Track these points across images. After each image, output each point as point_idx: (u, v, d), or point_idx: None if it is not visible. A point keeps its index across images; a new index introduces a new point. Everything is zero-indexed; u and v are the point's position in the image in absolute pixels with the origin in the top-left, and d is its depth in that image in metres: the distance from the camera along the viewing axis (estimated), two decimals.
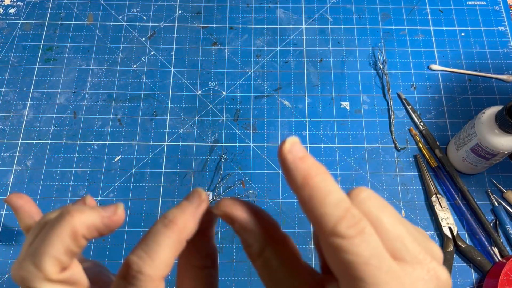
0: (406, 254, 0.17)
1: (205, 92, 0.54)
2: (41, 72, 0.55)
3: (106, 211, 0.20)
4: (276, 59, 0.57)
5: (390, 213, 0.18)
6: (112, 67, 0.56)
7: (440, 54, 0.57)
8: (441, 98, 0.54)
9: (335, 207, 0.17)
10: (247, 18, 0.59)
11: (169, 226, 0.19)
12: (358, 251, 0.16)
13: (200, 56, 0.57)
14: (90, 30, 0.58)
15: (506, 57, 0.57)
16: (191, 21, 0.59)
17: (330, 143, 0.52)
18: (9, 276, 0.45)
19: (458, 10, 0.60)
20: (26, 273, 0.19)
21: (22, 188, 0.49)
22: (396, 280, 0.16)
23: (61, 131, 0.52)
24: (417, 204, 0.49)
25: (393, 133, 0.52)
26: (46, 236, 0.19)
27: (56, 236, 0.19)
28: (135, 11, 0.60)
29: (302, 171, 0.18)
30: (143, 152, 0.51)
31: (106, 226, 0.20)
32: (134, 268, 0.18)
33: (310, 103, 0.54)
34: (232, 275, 0.45)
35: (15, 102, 0.53)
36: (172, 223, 0.19)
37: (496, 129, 0.42)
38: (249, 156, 0.51)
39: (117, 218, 0.20)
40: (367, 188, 0.18)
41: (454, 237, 0.46)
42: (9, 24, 0.58)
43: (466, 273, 0.46)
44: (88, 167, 0.50)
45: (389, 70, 0.56)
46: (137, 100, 0.54)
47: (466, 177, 0.50)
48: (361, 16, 0.60)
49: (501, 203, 0.48)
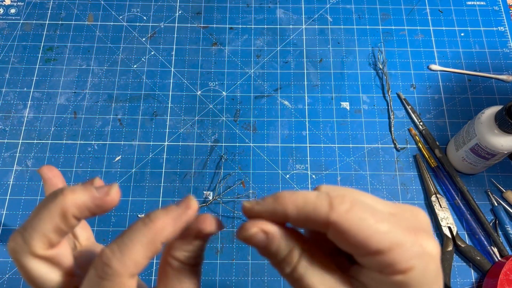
0: (389, 207, 0.19)
1: (205, 92, 0.55)
2: (42, 72, 0.55)
3: (100, 192, 0.20)
4: (276, 59, 0.57)
5: (355, 190, 0.20)
6: (113, 67, 0.56)
7: (439, 54, 0.57)
8: (440, 98, 0.55)
9: (318, 199, 0.19)
10: (247, 18, 0.59)
11: (147, 225, 0.19)
12: (362, 222, 0.18)
13: (200, 56, 0.57)
14: (91, 30, 0.58)
15: (506, 57, 0.57)
16: (191, 21, 0.59)
17: (330, 143, 0.52)
18: (9, 276, 0.45)
19: (457, 10, 0.60)
20: (15, 245, 0.20)
21: (22, 188, 0.49)
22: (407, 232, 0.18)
23: (61, 131, 0.52)
24: (417, 204, 0.49)
25: (392, 133, 0.52)
26: (38, 213, 0.20)
27: (46, 213, 0.20)
28: (135, 11, 0.60)
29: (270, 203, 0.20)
30: (143, 152, 0.51)
31: (98, 207, 0.20)
32: (104, 261, 0.18)
33: (310, 103, 0.54)
34: (232, 275, 0.45)
35: (15, 102, 0.53)
36: (151, 223, 0.19)
37: (496, 129, 0.42)
38: (249, 156, 0.51)
39: (110, 199, 0.20)
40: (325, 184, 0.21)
41: (454, 237, 0.46)
42: (9, 24, 0.58)
43: (465, 273, 0.46)
44: (89, 167, 0.50)
45: (388, 70, 0.56)
46: (137, 100, 0.54)
47: (466, 177, 0.50)
48: (361, 16, 0.60)
49: (500, 203, 0.48)
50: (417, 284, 0.18)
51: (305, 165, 0.50)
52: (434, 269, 0.18)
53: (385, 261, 0.18)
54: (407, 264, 0.18)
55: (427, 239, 0.18)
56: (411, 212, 0.20)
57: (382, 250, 0.18)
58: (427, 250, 0.18)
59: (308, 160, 0.51)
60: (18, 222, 0.47)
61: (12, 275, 0.45)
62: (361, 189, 0.49)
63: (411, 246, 0.18)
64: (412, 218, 0.19)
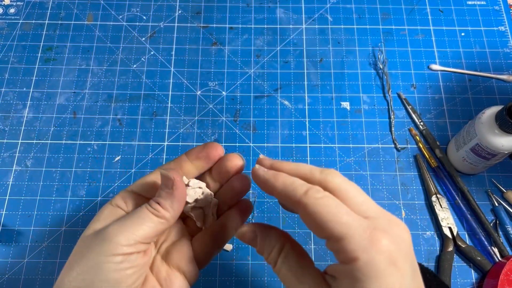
0: (371, 212, 0.23)
1: (205, 92, 0.54)
2: (41, 72, 0.55)
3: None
4: (276, 59, 0.57)
5: (354, 187, 0.24)
6: (112, 67, 0.56)
7: (440, 54, 0.57)
8: (441, 98, 0.54)
9: (301, 185, 0.24)
10: (247, 18, 0.59)
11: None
12: (326, 209, 0.22)
13: (200, 56, 0.57)
14: (90, 30, 0.58)
15: (506, 57, 0.57)
16: (191, 21, 0.59)
17: (330, 143, 0.52)
18: (9, 276, 0.45)
19: (458, 10, 0.60)
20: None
21: (22, 188, 0.49)
22: (363, 220, 0.22)
23: (61, 131, 0.52)
24: (417, 204, 0.49)
25: (393, 133, 0.52)
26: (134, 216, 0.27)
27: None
28: (135, 11, 0.59)
29: (271, 175, 0.26)
30: (143, 152, 0.51)
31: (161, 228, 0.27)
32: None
33: (310, 103, 0.54)
34: (232, 275, 0.45)
35: (15, 102, 0.53)
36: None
37: (496, 129, 0.42)
38: (249, 156, 0.51)
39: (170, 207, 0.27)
40: (336, 170, 0.26)
41: (454, 237, 0.46)
42: (8, 24, 0.58)
43: (466, 273, 0.46)
44: (88, 167, 0.50)
45: (389, 70, 0.56)
46: (137, 100, 0.54)
47: (466, 177, 0.50)
48: (361, 16, 0.60)
49: (501, 203, 0.48)
50: (363, 275, 0.21)
51: None
52: (383, 263, 0.21)
53: (338, 248, 0.22)
54: (352, 254, 0.21)
55: (383, 237, 0.21)
56: (388, 221, 0.23)
57: (336, 236, 0.22)
58: (377, 245, 0.21)
59: (308, 160, 0.51)
60: (17, 222, 0.47)
61: (12, 275, 0.45)
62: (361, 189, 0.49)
63: (359, 239, 0.21)
64: (383, 223, 0.22)
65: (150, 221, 0.26)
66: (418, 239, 0.47)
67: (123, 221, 0.26)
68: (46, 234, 0.47)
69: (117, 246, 0.24)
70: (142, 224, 0.25)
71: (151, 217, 0.26)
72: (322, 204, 0.22)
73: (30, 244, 0.46)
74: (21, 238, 0.46)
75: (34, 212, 0.48)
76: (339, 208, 0.22)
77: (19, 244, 0.46)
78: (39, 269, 0.45)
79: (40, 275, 0.45)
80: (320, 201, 0.23)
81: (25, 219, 0.47)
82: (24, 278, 0.45)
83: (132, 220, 0.26)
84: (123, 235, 0.25)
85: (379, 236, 0.21)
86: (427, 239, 0.47)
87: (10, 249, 0.46)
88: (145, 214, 0.26)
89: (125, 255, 0.25)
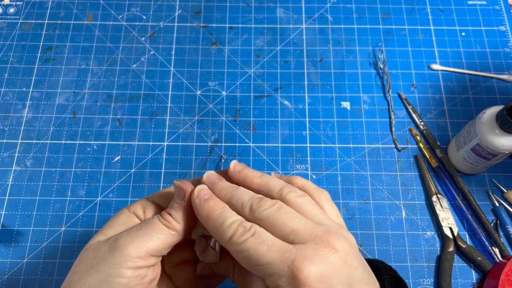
0: (300, 238, 0.23)
1: (205, 92, 0.54)
2: (41, 72, 0.55)
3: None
4: (276, 59, 0.56)
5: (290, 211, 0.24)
6: (112, 67, 0.56)
7: (440, 53, 0.57)
8: (441, 98, 0.54)
9: (229, 227, 0.24)
10: (247, 18, 0.59)
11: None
12: (248, 253, 0.23)
13: (200, 56, 0.56)
14: (90, 30, 0.58)
15: (507, 56, 0.57)
16: (191, 21, 0.59)
17: (330, 143, 0.52)
18: (9, 277, 0.45)
19: (458, 9, 0.60)
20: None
21: (21, 188, 0.49)
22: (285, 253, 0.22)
23: (60, 131, 0.52)
24: (418, 204, 0.49)
25: (393, 133, 0.52)
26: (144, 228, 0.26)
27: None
28: (134, 10, 0.59)
29: (206, 208, 0.25)
30: (143, 152, 0.51)
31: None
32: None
33: (310, 103, 0.54)
34: None
35: (14, 102, 0.53)
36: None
37: (497, 129, 0.42)
38: (249, 156, 0.51)
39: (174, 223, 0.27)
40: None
41: (455, 237, 0.46)
42: (8, 24, 0.58)
43: (466, 274, 0.46)
44: (88, 167, 0.50)
45: (389, 70, 0.56)
46: (137, 100, 0.54)
47: (467, 177, 0.50)
48: (361, 16, 0.59)
49: (501, 203, 0.48)
50: None
51: (305, 165, 0.50)
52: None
53: (263, 273, 0.22)
54: (274, 283, 0.22)
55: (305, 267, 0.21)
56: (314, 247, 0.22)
57: (264, 276, 0.23)
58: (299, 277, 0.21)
59: (309, 160, 0.51)
60: (17, 223, 0.47)
61: (12, 275, 0.45)
62: (361, 189, 0.49)
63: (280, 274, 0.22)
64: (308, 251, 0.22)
65: (161, 232, 0.25)
66: (418, 239, 0.47)
67: (135, 231, 0.25)
68: (46, 234, 0.47)
69: (127, 258, 0.24)
70: (153, 236, 0.25)
71: (162, 229, 0.25)
72: (243, 250, 0.23)
73: (30, 244, 0.46)
74: (21, 238, 0.46)
75: (33, 212, 0.48)
76: (259, 247, 0.23)
77: (19, 244, 0.46)
78: (39, 269, 0.45)
79: (39, 275, 0.45)
80: (241, 246, 0.23)
81: (25, 219, 0.47)
82: (24, 278, 0.45)
83: (143, 230, 0.25)
84: (134, 246, 0.24)
85: (301, 267, 0.21)
86: (427, 239, 0.47)
87: (9, 249, 0.46)
88: (156, 225, 0.25)
89: (135, 268, 0.24)
